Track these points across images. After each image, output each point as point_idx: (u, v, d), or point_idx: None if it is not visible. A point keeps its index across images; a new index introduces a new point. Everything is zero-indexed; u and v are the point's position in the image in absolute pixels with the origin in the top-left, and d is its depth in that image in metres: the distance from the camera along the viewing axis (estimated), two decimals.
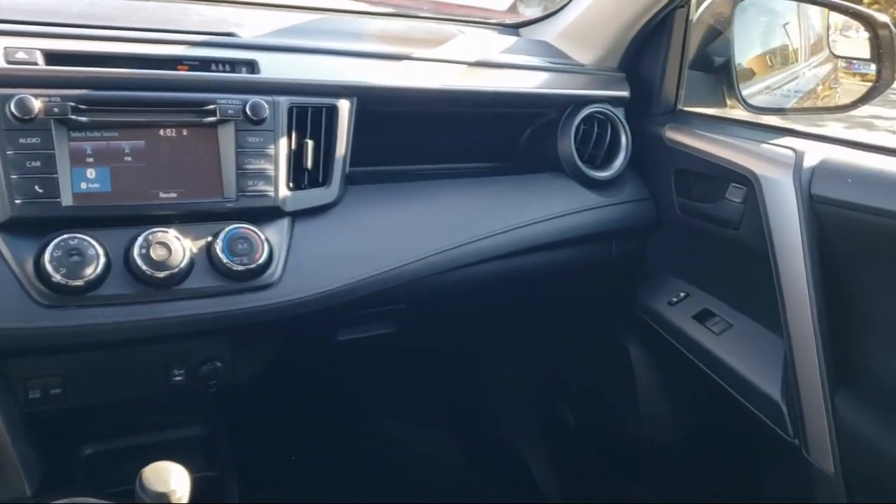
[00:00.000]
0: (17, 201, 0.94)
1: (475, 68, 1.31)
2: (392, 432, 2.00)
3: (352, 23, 1.41)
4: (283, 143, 1.09)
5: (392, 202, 1.22)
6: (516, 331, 1.79)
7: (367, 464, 1.92)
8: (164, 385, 1.16)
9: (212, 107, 1.04)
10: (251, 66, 1.11)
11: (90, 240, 0.96)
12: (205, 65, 1.08)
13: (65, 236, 0.95)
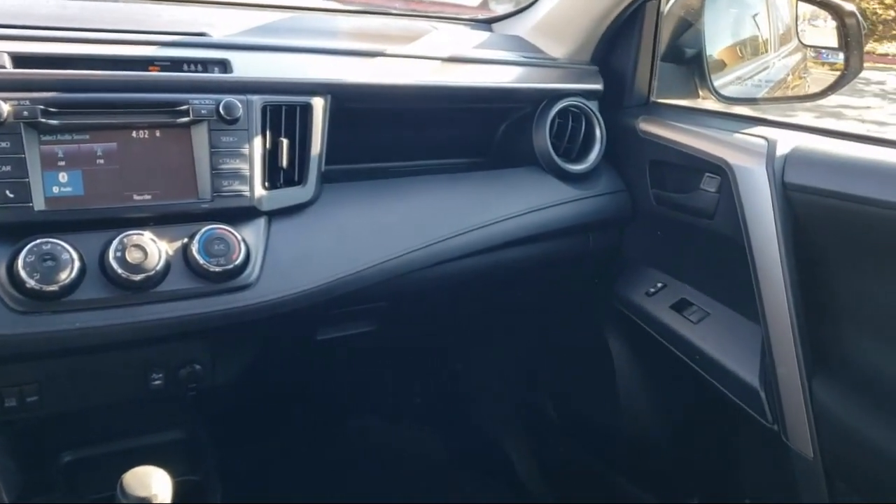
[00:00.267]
0: None
1: (449, 64, 1.32)
2: (375, 430, 2.00)
3: (324, 20, 1.41)
4: (257, 142, 1.08)
5: (369, 200, 1.22)
6: (496, 326, 1.80)
7: (351, 463, 1.92)
8: (143, 389, 1.15)
9: (184, 107, 1.03)
10: (224, 66, 1.10)
11: (64, 244, 0.94)
12: (176, 65, 1.08)
13: (38, 241, 0.93)
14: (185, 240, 1.02)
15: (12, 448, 1.15)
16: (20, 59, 0.98)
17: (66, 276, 0.93)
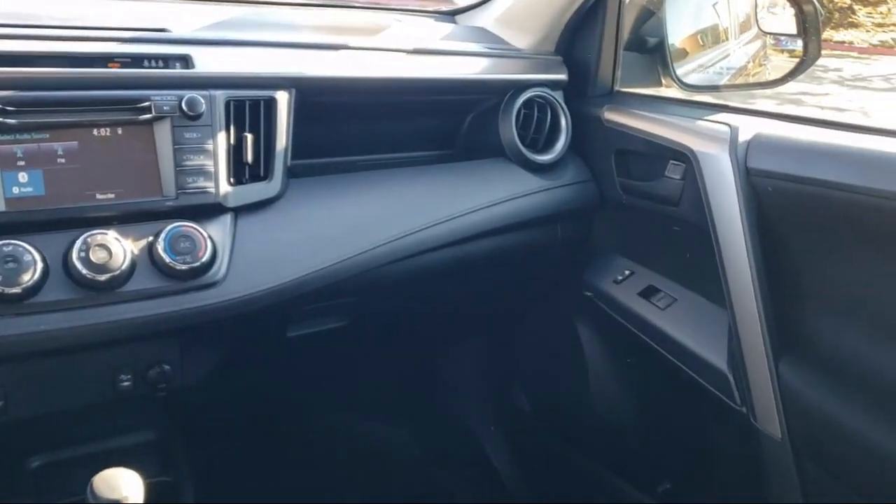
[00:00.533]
0: None
1: (414, 56, 1.31)
2: (349, 426, 2.00)
3: (286, 14, 1.40)
4: (221, 137, 1.07)
5: (336, 194, 1.21)
6: (468, 317, 1.80)
7: (326, 459, 1.91)
8: (111, 391, 1.13)
9: (146, 104, 1.02)
10: (185, 61, 1.09)
11: (26, 245, 0.93)
12: (136, 61, 1.06)
13: None
14: (151, 238, 1.01)
15: None
16: None
17: (28, 278, 0.92)
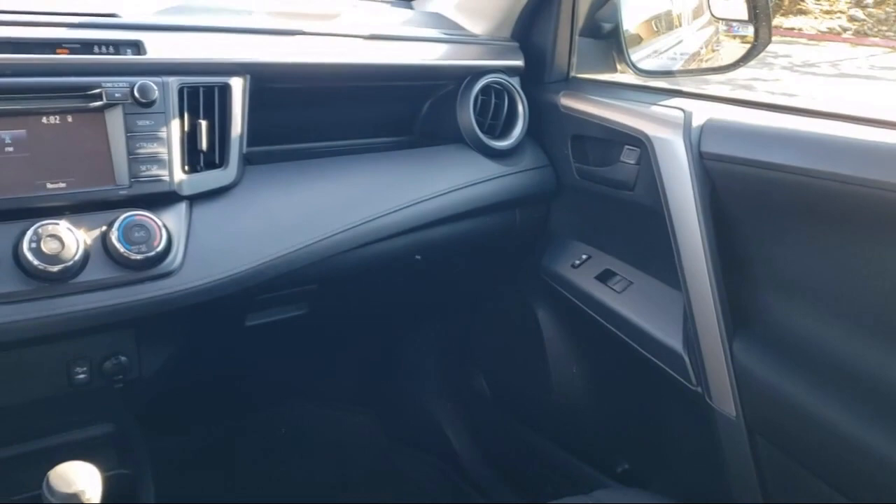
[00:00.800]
0: None
1: (370, 42, 1.30)
2: (310, 415, 1.99)
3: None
4: (175, 125, 1.06)
5: (294, 181, 1.20)
6: (428, 304, 1.81)
7: (287, 448, 1.91)
8: (66, 384, 1.11)
9: (97, 91, 1.00)
10: (136, 47, 1.06)
11: None
12: (86, 47, 1.04)
13: None
14: (104, 228, 0.99)
15: None
16: None
17: None
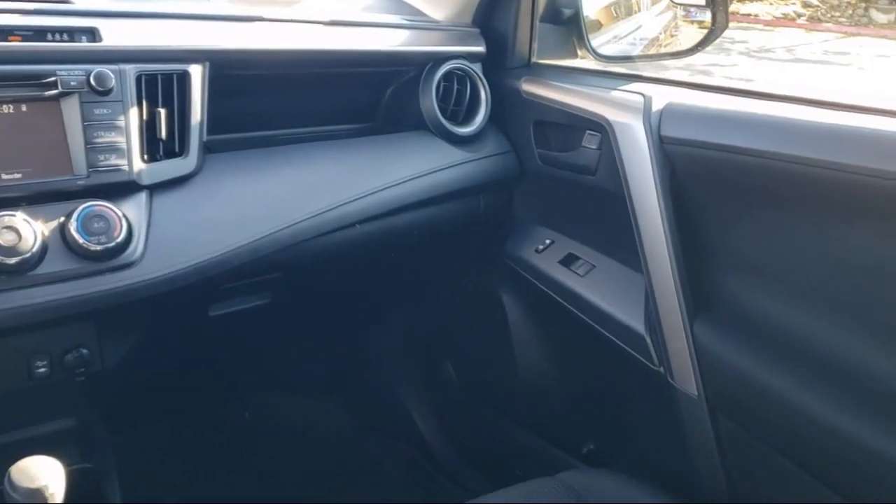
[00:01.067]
0: None
1: (331, 28, 1.29)
2: (277, 403, 1.98)
3: None
4: (133, 113, 1.04)
5: (255, 169, 1.19)
6: (394, 291, 1.81)
7: (254, 438, 1.90)
8: (26, 378, 1.09)
9: (52, 79, 0.98)
10: (92, 34, 1.04)
11: None
12: (40, 34, 1.02)
13: None
14: (62, 219, 0.98)
15: None
16: None
17: None
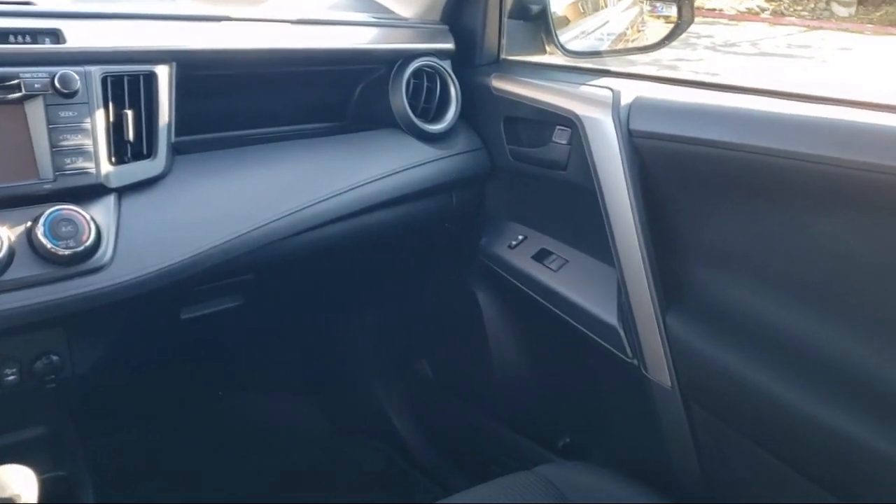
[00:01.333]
0: None
1: (298, 26, 1.29)
2: (253, 405, 1.97)
3: None
4: (99, 115, 1.03)
5: (225, 169, 1.18)
6: (368, 290, 1.80)
7: (230, 440, 1.89)
8: None
9: (15, 81, 0.96)
10: (55, 36, 1.03)
11: None
12: (2, 36, 1.00)
13: None
14: (29, 223, 0.96)
15: None
16: None
17: None
